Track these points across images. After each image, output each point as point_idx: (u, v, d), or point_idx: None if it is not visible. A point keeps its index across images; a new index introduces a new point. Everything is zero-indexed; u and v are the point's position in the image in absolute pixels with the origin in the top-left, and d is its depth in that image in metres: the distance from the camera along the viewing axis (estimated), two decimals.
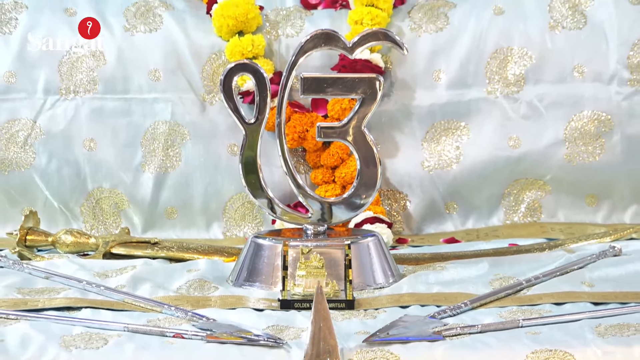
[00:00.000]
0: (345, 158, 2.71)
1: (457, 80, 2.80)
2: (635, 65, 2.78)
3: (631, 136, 2.77)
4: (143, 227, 2.76)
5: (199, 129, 2.77)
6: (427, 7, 2.85)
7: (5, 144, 2.75)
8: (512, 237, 2.72)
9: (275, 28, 2.83)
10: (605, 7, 2.83)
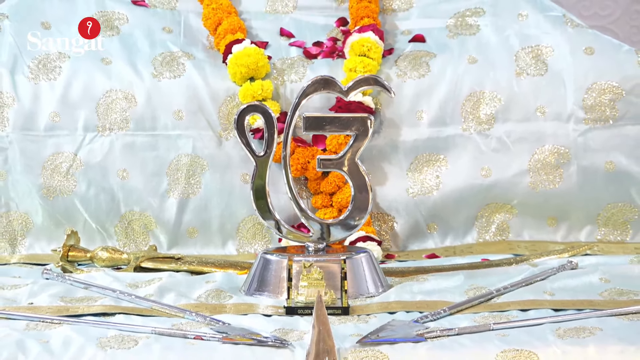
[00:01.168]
0: (341, 185, 2.71)
1: (437, 119, 2.79)
2: (589, 107, 2.78)
3: (585, 167, 2.76)
4: (168, 244, 2.75)
5: (216, 160, 2.77)
6: (411, 56, 2.85)
7: (50, 174, 2.75)
8: (484, 253, 2.72)
9: (282, 75, 2.83)
10: (563, 57, 2.83)
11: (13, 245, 2.75)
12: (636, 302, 2.30)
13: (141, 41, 2.90)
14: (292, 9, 3.05)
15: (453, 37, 2.91)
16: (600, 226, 2.78)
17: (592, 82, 2.79)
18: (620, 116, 2.78)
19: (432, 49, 2.88)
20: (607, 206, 2.77)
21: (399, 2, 3.05)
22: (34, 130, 2.77)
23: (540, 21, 2.92)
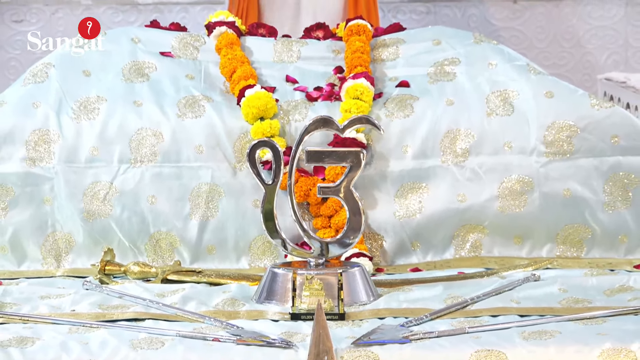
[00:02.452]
0: (338, 209, 2.70)
1: (420, 153, 2.79)
2: (549, 142, 2.78)
3: (546, 193, 2.76)
4: (190, 260, 2.74)
5: (232, 188, 2.76)
6: (398, 99, 2.85)
7: (90, 200, 2.74)
8: (460, 267, 2.71)
9: (287, 115, 2.83)
10: (527, 100, 2.83)
11: (58, 260, 2.75)
12: (590, 309, 2.31)
13: (167, 86, 2.90)
14: (296, 59, 3.06)
15: (433, 83, 2.91)
16: (558, 244, 2.77)
17: (552, 121, 2.79)
18: (575, 150, 2.78)
19: (415, 93, 2.88)
20: (565, 227, 2.77)
21: (387, 53, 3.05)
22: (76, 163, 2.77)
23: (508, 69, 2.92)
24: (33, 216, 2.76)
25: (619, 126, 2.79)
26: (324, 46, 3.11)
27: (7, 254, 2.75)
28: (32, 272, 2.72)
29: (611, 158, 2.78)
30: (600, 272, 2.65)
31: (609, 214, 2.77)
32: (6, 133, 2.78)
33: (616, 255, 2.77)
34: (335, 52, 3.08)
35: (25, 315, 2.34)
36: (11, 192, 2.76)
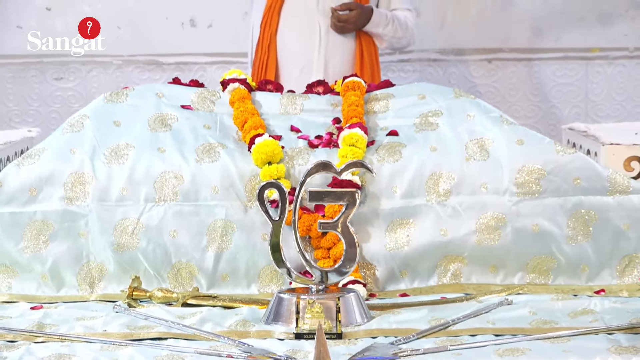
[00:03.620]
0: (336, 242, 2.70)
1: (407, 193, 2.78)
2: (520, 184, 2.77)
3: (518, 228, 2.75)
4: (207, 286, 2.74)
5: (243, 224, 2.76)
6: (388, 146, 2.86)
7: (120, 234, 2.74)
8: (442, 293, 2.70)
9: (292, 160, 2.83)
10: (501, 147, 2.83)
11: (92, 287, 2.74)
12: (556, 330, 2.32)
13: (187, 135, 2.90)
14: (300, 111, 3.06)
15: (419, 132, 2.92)
16: (528, 272, 2.77)
17: (522, 165, 2.79)
18: (543, 191, 2.78)
19: (403, 140, 2.88)
20: (534, 257, 2.76)
21: (379, 106, 3.06)
22: (107, 201, 2.77)
23: (484, 120, 2.93)
24: (70, 248, 2.76)
25: (581, 170, 2.79)
26: (323, 100, 3.12)
27: (47, 282, 2.74)
28: (69, 297, 2.72)
29: (574, 197, 2.78)
30: (565, 297, 2.64)
31: (572, 246, 2.77)
32: (47, 176, 2.79)
33: (579, 283, 2.76)
34: (334, 105, 3.09)
35: (63, 334, 2.34)
36: (51, 227, 2.76)
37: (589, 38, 5.14)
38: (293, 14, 3.99)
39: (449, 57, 5.14)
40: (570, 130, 3.49)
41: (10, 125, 5.01)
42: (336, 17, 3.94)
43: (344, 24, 3.95)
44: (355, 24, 3.97)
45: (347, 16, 3.94)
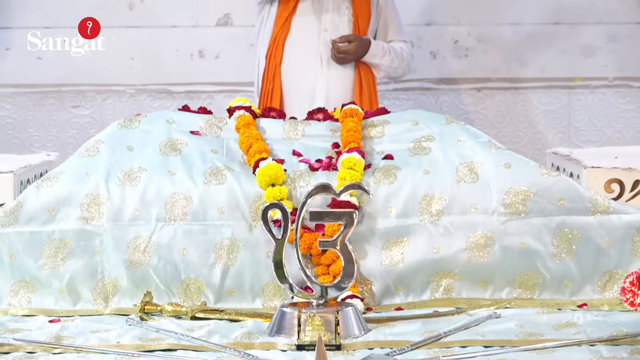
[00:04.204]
0: (335, 259, 2.70)
1: (402, 213, 2.78)
2: (507, 204, 2.77)
3: (505, 246, 2.75)
4: (214, 301, 2.73)
5: (248, 242, 2.76)
6: (384, 169, 2.86)
7: (132, 251, 2.74)
8: (435, 307, 2.69)
9: (294, 182, 2.83)
10: (489, 170, 2.83)
11: (106, 301, 2.74)
12: (541, 341, 2.32)
13: (196, 159, 2.90)
14: (301, 137, 3.07)
15: (413, 156, 2.92)
16: (515, 288, 2.76)
17: (509, 187, 2.80)
18: (529, 211, 2.78)
19: (398, 164, 2.88)
20: (520, 273, 2.76)
21: (375, 132, 3.06)
22: (121, 221, 2.77)
23: (473, 145, 2.93)
24: (86, 265, 2.75)
25: (564, 191, 2.80)
26: (323, 126, 3.12)
27: (64, 296, 2.74)
28: (84, 311, 2.71)
29: (558, 217, 2.78)
30: (550, 311, 2.64)
31: (556, 263, 2.76)
32: (65, 197, 2.79)
33: (562, 297, 2.75)
34: (333, 131, 3.09)
35: (79, 346, 2.34)
36: (68, 245, 2.76)
37: (571, 68, 5.16)
38: (296, 46, 4.00)
39: (441, 86, 5.15)
40: (554, 154, 3.49)
41: (31, 150, 5.01)
42: (336, 49, 3.94)
43: (343, 55, 3.96)
44: (354, 55, 3.98)
45: (346, 48, 3.95)
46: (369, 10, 4.03)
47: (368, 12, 4.02)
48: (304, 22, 3.99)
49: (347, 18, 4.01)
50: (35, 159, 3.37)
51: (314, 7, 3.98)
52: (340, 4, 4.02)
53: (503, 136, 5.11)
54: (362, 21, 4.02)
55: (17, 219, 2.77)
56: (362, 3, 4.03)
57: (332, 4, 4.00)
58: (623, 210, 2.80)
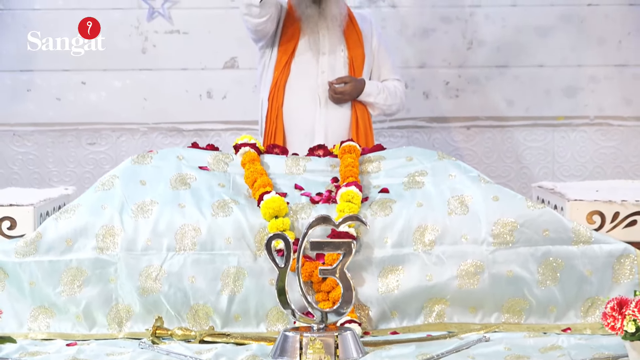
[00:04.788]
0: (334, 286, 2.70)
1: (397, 243, 2.79)
2: (496, 235, 2.78)
3: (494, 274, 2.75)
4: (221, 325, 2.73)
5: (253, 270, 2.76)
6: (380, 202, 2.86)
7: (145, 279, 2.74)
8: (428, 331, 2.70)
9: (296, 214, 2.84)
10: (479, 203, 2.84)
11: (120, 326, 2.74)
12: None
13: (204, 192, 2.91)
14: (303, 172, 3.08)
15: (407, 189, 2.93)
16: (503, 313, 2.76)
17: (498, 219, 2.80)
18: (516, 241, 2.78)
19: (393, 197, 2.89)
20: (508, 299, 2.76)
21: (372, 167, 3.07)
22: (134, 251, 2.78)
23: (464, 179, 2.94)
24: (101, 292, 2.76)
25: (549, 223, 2.80)
26: (323, 162, 3.13)
27: (81, 321, 2.74)
28: (100, 335, 2.72)
29: (543, 247, 2.79)
30: (536, 335, 2.64)
31: (542, 289, 2.77)
32: (81, 228, 2.80)
33: (548, 322, 2.75)
34: (332, 166, 3.10)
35: None
36: (85, 273, 2.76)
37: (554, 108, 5.17)
38: (296, 88, 4.01)
39: (433, 124, 5.17)
40: (540, 188, 3.50)
41: (50, 184, 5.02)
42: (333, 90, 3.96)
43: (340, 95, 3.97)
44: (350, 95, 3.98)
45: (342, 89, 3.96)
46: (363, 51, 4.04)
47: (362, 53, 4.03)
48: (303, 65, 4.00)
49: (343, 60, 4.02)
50: (54, 192, 3.38)
51: (312, 51, 4.00)
52: (336, 46, 4.03)
53: (491, 171, 5.11)
54: (357, 62, 4.03)
55: (37, 248, 2.78)
56: (356, 45, 4.04)
57: (328, 46, 4.01)
58: (604, 240, 2.81)
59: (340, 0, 3.98)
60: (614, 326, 2.31)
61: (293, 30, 3.97)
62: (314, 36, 3.98)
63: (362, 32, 4.05)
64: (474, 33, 5.13)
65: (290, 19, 3.99)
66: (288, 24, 3.99)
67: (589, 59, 5.15)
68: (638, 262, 2.78)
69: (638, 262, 2.78)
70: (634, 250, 2.80)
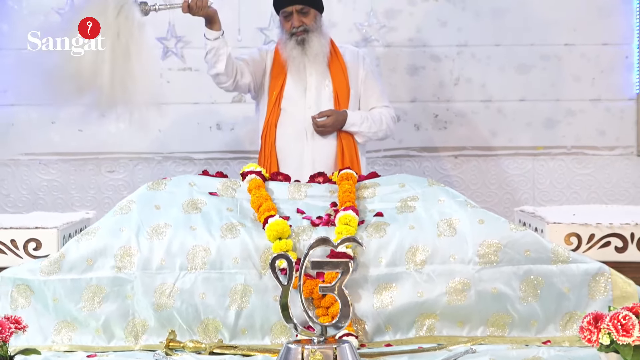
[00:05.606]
0: (333, 302, 2.69)
1: (391, 262, 2.78)
2: (481, 255, 2.78)
3: (480, 291, 2.75)
4: (229, 338, 2.72)
5: (259, 287, 2.75)
6: (375, 225, 2.86)
7: (159, 296, 2.74)
8: (419, 343, 2.69)
9: (298, 235, 2.84)
10: (466, 225, 2.84)
11: (136, 339, 2.73)
12: None
13: (214, 216, 2.90)
14: (304, 197, 3.08)
15: (400, 213, 2.92)
16: (489, 327, 2.75)
17: (483, 240, 2.80)
18: (500, 260, 2.78)
19: (387, 220, 2.89)
20: (493, 314, 2.75)
21: (367, 192, 3.07)
22: (149, 270, 2.78)
23: (452, 204, 2.94)
24: (119, 307, 2.75)
25: (530, 244, 2.80)
26: (323, 188, 3.13)
27: (100, 334, 2.73)
28: (117, 347, 2.71)
29: (525, 266, 2.78)
30: (518, 347, 2.64)
31: (524, 305, 2.76)
32: (101, 249, 2.80)
33: (529, 335, 2.75)
34: (331, 192, 3.10)
35: None
36: (104, 290, 2.76)
37: (535, 138, 5.19)
38: (286, 125, 4.02)
39: (424, 153, 5.18)
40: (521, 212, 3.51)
41: (72, 209, 5.02)
42: (315, 124, 3.96)
43: (322, 128, 3.97)
44: (332, 126, 3.98)
45: (324, 122, 3.96)
46: (348, 84, 4.04)
47: (347, 86, 4.03)
48: (291, 102, 4.01)
49: (328, 94, 4.02)
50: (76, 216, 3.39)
51: (298, 88, 4.01)
52: (321, 81, 4.03)
53: (477, 196, 5.12)
54: (342, 95, 4.03)
55: (60, 268, 2.78)
56: (341, 79, 4.04)
57: (314, 83, 4.02)
58: (580, 260, 2.81)
59: (323, 38, 4.00)
60: (590, 339, 2.31)
61: (280, 72, 4.00)
62: (300, 74, 4.00)
63: (347, 64, 4.06)
64: (461, 70, 5.16)
65: (278, 61, 4.02)
66: (276, 66, 4.02)
67: (566, 94, 5.17)
68: (612, 280, 2.78)
69: (612, 280, 2.78)
70: (608, 269, 2.79)
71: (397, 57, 5.12)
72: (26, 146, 5.11)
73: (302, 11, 3.95)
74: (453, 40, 5.12)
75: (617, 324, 2.28)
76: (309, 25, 3.96)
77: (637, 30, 5.12)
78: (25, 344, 2.64)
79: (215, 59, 3.90)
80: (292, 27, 3.96)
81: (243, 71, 3.98)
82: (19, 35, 4.71)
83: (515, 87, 5.15)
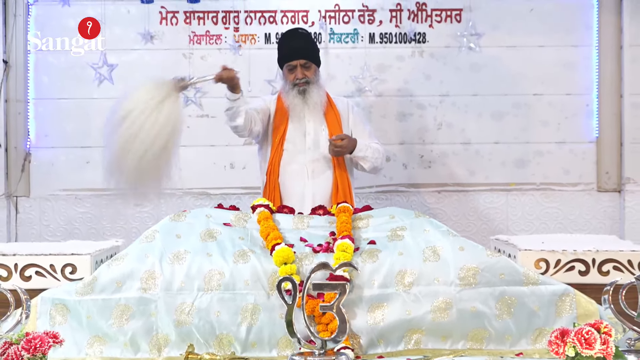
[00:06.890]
0: (332, 319, 2.68)
1: (382, 285, 2.77)
2: (462, 278, 2.77)
3: (461, 310, 2.74)
4: (241, 351, 2.71)
5: (267, 307, 2.74)
6: (368, 251, 2.86)
7: (179, 314, 2.73)
8: (408, 355, 2.67)
9: (302, 260, 2.84)
10: (448, 252, 2.83)
11: (159, 351, 2.72)
12: None
13: (227, 244, 2.90)
14: (306, 227, 3.08)
15: (390, 241, 2.93)
16: (468, 340, 2.74)
17: (463, 265, 2.80)
18: (478, 282, 2.78)
19: (379, 247, 2.89)
20: (472, 330, 2.75)
21: (362, 223, 3.08)
22: (171, 291, 2.77)
23: (436, 233, 2.94)
24: (144, 324, 2.74)
25: (504, 268, 2.80)
26: (323, 219, 3.14)
27: (128, 348, 2.72)
28: (143, 359, 2.70)
29: (500, 287, 2.78)
30: (495, 359, 2.62)
31: (499, 322, 2.75)
32: (129, 273, 2.80)
33: (504, 348, 2.74)
34: (330, 223, 3.11)
35: None
36: (131, 309, 2.75)
37: (508, 176, 5.21)
38: (288, 164, 4.04)
39: (411, 189, 5.20)
40: (496, 240, 3.51)
41: (104, 237, 5.03)
42: (333, 145, 3.97)
43: (339, 149, 3.98)
44: (347, 148, 4.00)
45: (341, 143, 3.97)
46: (341, 129, 4.08)
47: (340, 131, 4.07)
48: (293, 143, 4.05)
49: (325, 138, 4.07)
50: (107, 244, 3.39)
51: (299, 132, 4.05)
52: (317, 127, 4.07)
53: (458, 226, 5.12)
54: None
55: (92, 289, 2.78)
56: (335, 124, 4.09)
57: (312, 128, 4.06)
58: (549, 282, 2.81)
59: (320, 89, 4.06)
60: (557, 351, 2.31)
61: (283, 117, 4.04)
62: (300, 121, 4.04)
63: (340, 112, 4.12)
64: (443, 117, 5.19)
65: (281, 108, 4.06)
66: (278, 112, 4.06)
67: (535, 137, 5.21)
68: (576, 299, 2.77)
69: (576, 300, 2.77)
70: (572, 290, 2.79)
71: (387, 105, 5.16)
72: (64, 183, 5.13)
73: (305, 65, 4.00)
74: (436, 90, 5.16)
75: (581, 339, 2.28)
76: (310, 77, 4.01)
77: (596, 82, 5.17)
78: (62, 357, 2.64)
79: (236, 115, 3.93)
80: (295, 79, 4.00)
81: (256, 120, 4.01)
82: (58, 87, 4.75)
83: (490, 131, 5.18)
